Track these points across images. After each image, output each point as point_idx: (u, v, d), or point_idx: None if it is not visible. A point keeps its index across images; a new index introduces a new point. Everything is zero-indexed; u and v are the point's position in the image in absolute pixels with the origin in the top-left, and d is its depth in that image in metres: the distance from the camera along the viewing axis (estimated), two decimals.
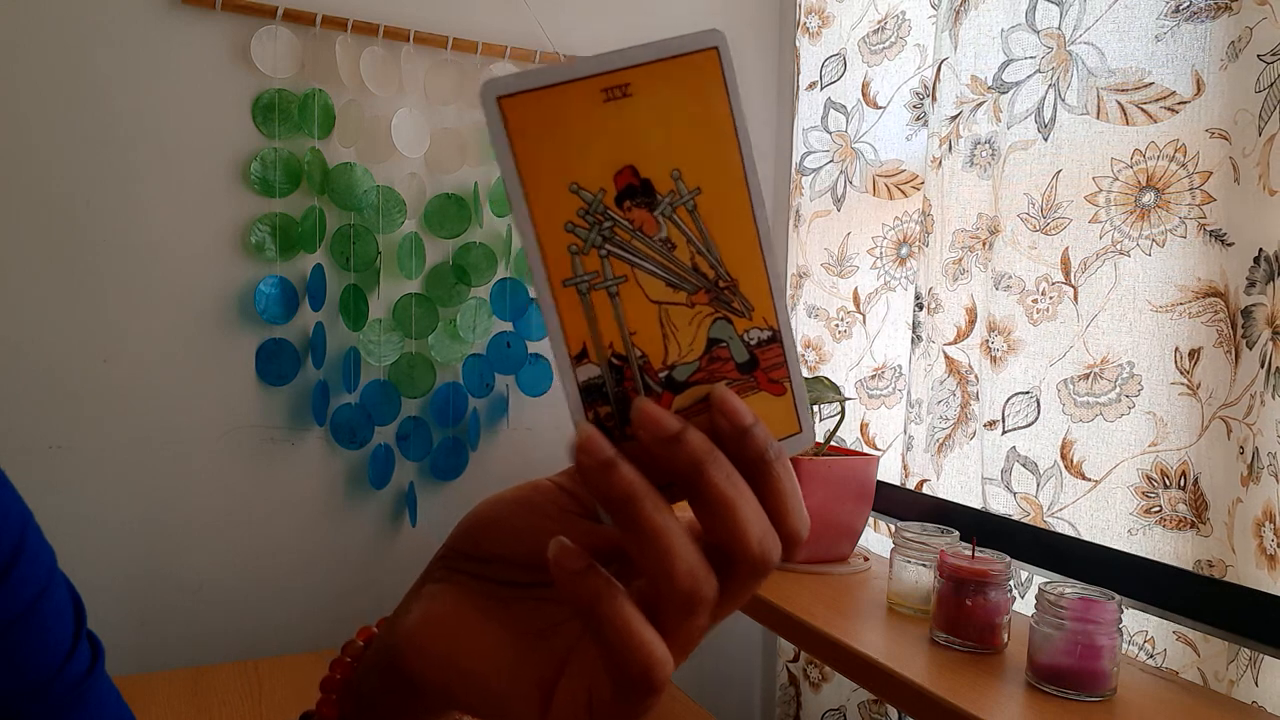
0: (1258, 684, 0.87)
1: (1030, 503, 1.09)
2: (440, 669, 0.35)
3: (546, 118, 0.29)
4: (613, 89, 0.29)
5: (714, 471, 0.29)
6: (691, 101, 0.30)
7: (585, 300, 0.30)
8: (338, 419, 1.44)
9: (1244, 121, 0.89)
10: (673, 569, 0.28)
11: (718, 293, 0.31)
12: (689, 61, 0.30)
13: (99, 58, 1.29)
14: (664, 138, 0.30)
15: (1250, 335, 0.88)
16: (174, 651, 1.38)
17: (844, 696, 1.50)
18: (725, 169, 0.31)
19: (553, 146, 0.29)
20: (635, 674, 0.28)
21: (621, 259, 0.30)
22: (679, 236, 0.30)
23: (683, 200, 0.30)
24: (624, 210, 0.30)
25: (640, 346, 0.30)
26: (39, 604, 0.47)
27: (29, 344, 1.28)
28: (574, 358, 0.30)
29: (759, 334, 0.32)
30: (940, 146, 1.23)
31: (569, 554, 0.29)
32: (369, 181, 1.43)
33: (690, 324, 0.31)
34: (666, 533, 0.28)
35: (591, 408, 0.30)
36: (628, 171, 0.30)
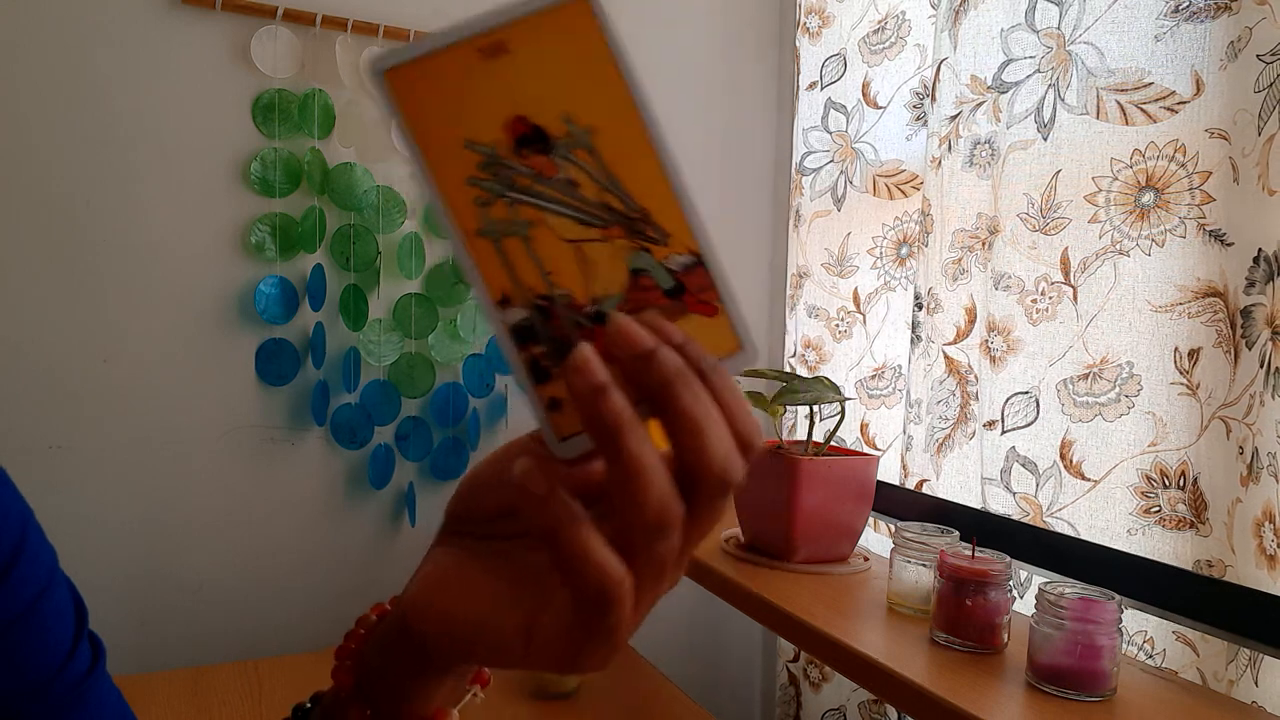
0: (1257, 684, 0.87)
1: (1030, 503, 1.09)
2: (442, 623, 0.37)
3: (431, 83, 0.30)
4: (489, 47, 0.30)
5: (683, 389, 0.29)
6: (569, 48, 0.31)
7: (499, 247, 0.31)
8: (338, 419, 1.44)
9: (1243, 121, 0.89)
10: (646, 494, 0.29)
11: (630, 224, 0.32)
12: (561, 10, 0.31)
13: (99, 58, 1.29)
14: (548, 85, 0.31)
15: (1250, 335, 0.88)
16: (174, 651, 1.38)
17: (844, 696, 1.50)
18: (616, 106, 0.31)
19: (441, 109, 0.30)
20: (593, 589, 0.29)
21: (528, 204, 0.31)
22: (581, 175, 0.31)
23: (578, 141, 0.31)
24: (522, 158, 0.31)
25: (561, 285, 0.31)
26: (39, 604, 0.47)
27: (29, 344, 1.28)
28: (497, 303, 0.31)
29: (680, 259, 0.32)
30: (940, 146, 1.23)
31: (533, 477, 0.30)
32: (369, 181, 1.43)
33: (609, 258, 0.32)
34: (645, 460, 0.29)
35: (525, 349, 0.31)
36: (517, 122, 0.31)
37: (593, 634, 0.31)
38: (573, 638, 0.32)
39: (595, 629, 0.31)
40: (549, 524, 0.30)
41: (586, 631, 0.31)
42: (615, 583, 0.29)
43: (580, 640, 0.32)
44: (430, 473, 1.51)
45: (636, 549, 0.30)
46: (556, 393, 0.32)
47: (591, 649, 0.32)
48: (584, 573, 0.29)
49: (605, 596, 0.29)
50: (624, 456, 0.29)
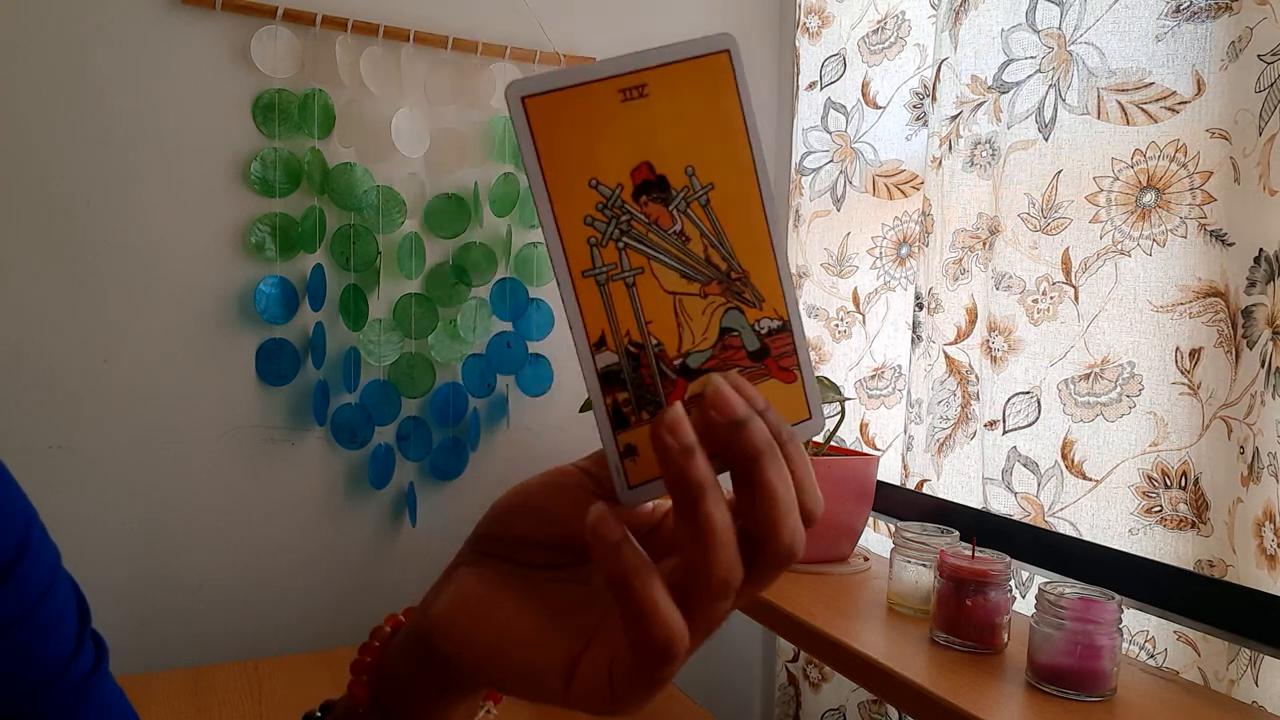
0: (1258, 684, 0.87)
1: (1031, 502, 1.09)
2: (472, 648, 0.36)
3: (567, 116, 0.30)
4: (630, 89, 0.31)
5: (769, 463, 0.30)
6: (705, 102, 0.31)
7: (603, 290, 0.31)
8: (338, 419, 1.44)
9: (1244, 121, 0.89)
10: (714, 560, 0.29)
11: (729, 284, 0.32)
12: (702, 64, 0.31)
13: (99, 58, 1.29)
14: (678, 136, 0.31)
15: (1251, 335, 0.88)
16: (174, 651, 1.38)
17: (844, 696, 1.50)
18: (737, 166, 0.32)
19: (573, 144, 0.30)
20: (657, 645, 0.29)
21: (638, 251, 0.31)
22: (693, 230, 0.32)
23: (696, 195, 0.32)
24: (640, 205, 0.31)
25: (656, 335, 0.32)
26: (43, 603, 0.47)
27: (29, 344, 1.28)
28: (593, 345, 0.31)
29: (769, 323, 0.33)
30: (940, 146, 1.23)
31: (607, 524, 0.30)
32: (369, 181, 1.43)
33: (703, 314, 0.32)
34: (719, 528, 0.29)
35: (610, 393, 0.31)
36: (644, 168, 0.31)
37: (644, 682, 0.31)
38: (619, 681, 0.32)
39: (649, 678, 0.31)
40: (621, 573, 0.30)
41: (638, 678, 0.31)
42: (679, 637, 0.30)
43: (627, 685, 0.32)
44: (430, 473, 1.51)
45: (694, 607, 0.30)
46: (633, 440, 0.32)
47: (636, 695, 0.32)
48: (651, 625, 0.29)
49: (667, 650, 0.30)
50: (701, 520, 0.29)
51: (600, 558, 0.30)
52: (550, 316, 1.56)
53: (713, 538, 0.29)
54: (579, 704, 0.33)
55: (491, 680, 0.36)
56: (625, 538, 0.30)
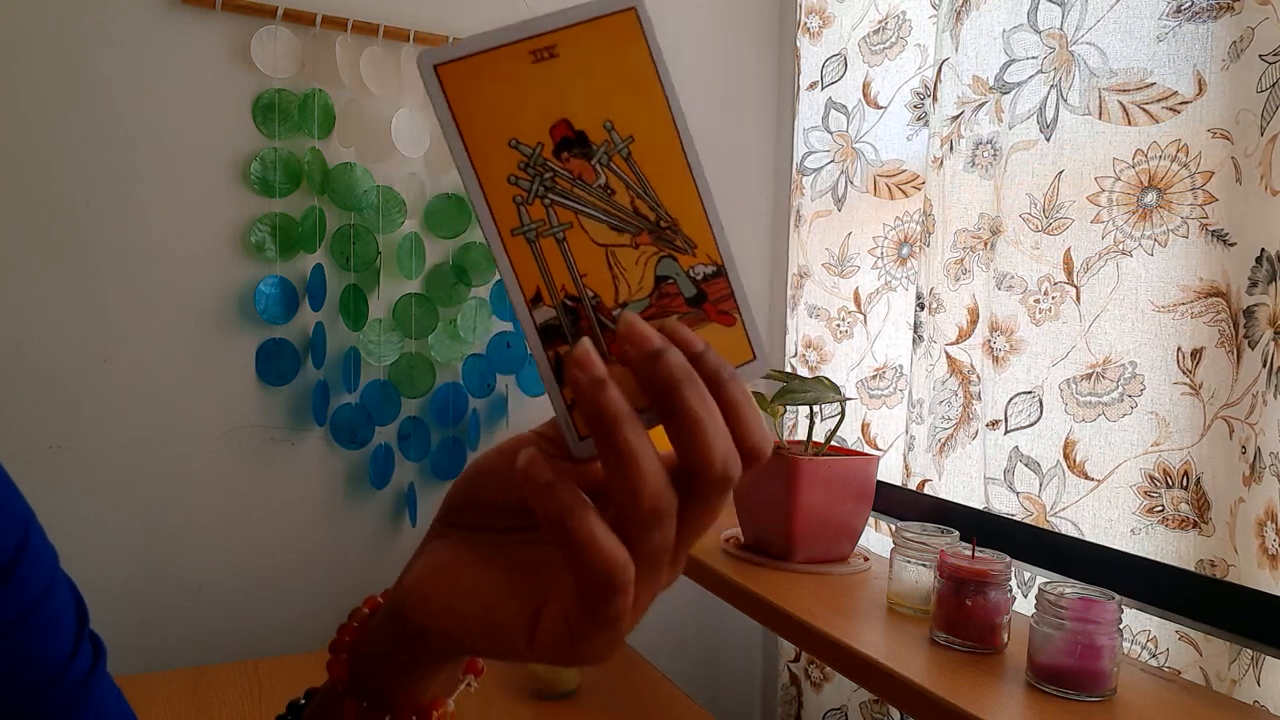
0: (1259, 684, 0.87)
1: (1033, 502, 1.08)
2: (439, 614, 0.37)
3: (481, 81, 0.31)
4: (540, 50, 0.31)
5: (688, 389, 0.30)
6: (615, 58, 0.32)
7: (534, 247, 0.32)
8: (338, 419, 1.44)
9: (1246, 121, 0.89)
10: (640, 486, 0.30)
11: (660, 233, 0.33)
12: (609, 22, 0.32)
13: (99, 58, 1.29)
14: (593, 92, 0.32)
15: (1252, 335, 0.88)
16: (174, 651, 1.38)
17: (845, 696, 1.49)
18: (654, 118, 0.33)
19: (489, 106, 0.31)
20: (599, 576, 0.30)
21: (565, 206, 0.32)
22: (617, 182, 0.32)
23: (617, 148, 0.32)
24: (562, 161, 0.32)
25: (592, 287, 0.32)
26: (41, 604, 0.47)
27: (29, 344, 1.28)
28: (529, 301, 0.32)
29: (703, 269, 0.34)
30: (941, 147, 1.23)
31: (537, 465, 0.31)
32: (369, 181, 1.43)
33: (637, 264, 0.33)
34: (639, 452, 0.30)
35: (551, 347, 0.32)
36: (562, 125, 0.32)
37: (596, 622, 0.31)
38: (575, 627, 0.32)
39: (599, 617, 0.31)
40: (554, 510, 0.30)
41: (590, 620, 0.32)
42: (620, 567, 0.30)
43: (583, 629, 0.32)
44: (430, 473, 1.51)
45: (633, 539, 0.31)
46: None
47: (594, 638, 0.32)
48: (589, 557, 0.30)
49: (609, 581, 0.30)
50: (620, 446, 0.30)
51: (533, 498, 0.31)
52: None
53: (634, 464, 0.30)
54: (542, 656, 0.34)
55: (459, 643, 0.37)
56: (556, 479, 0.31)
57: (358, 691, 0.42)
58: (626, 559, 0.30)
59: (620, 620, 0.31)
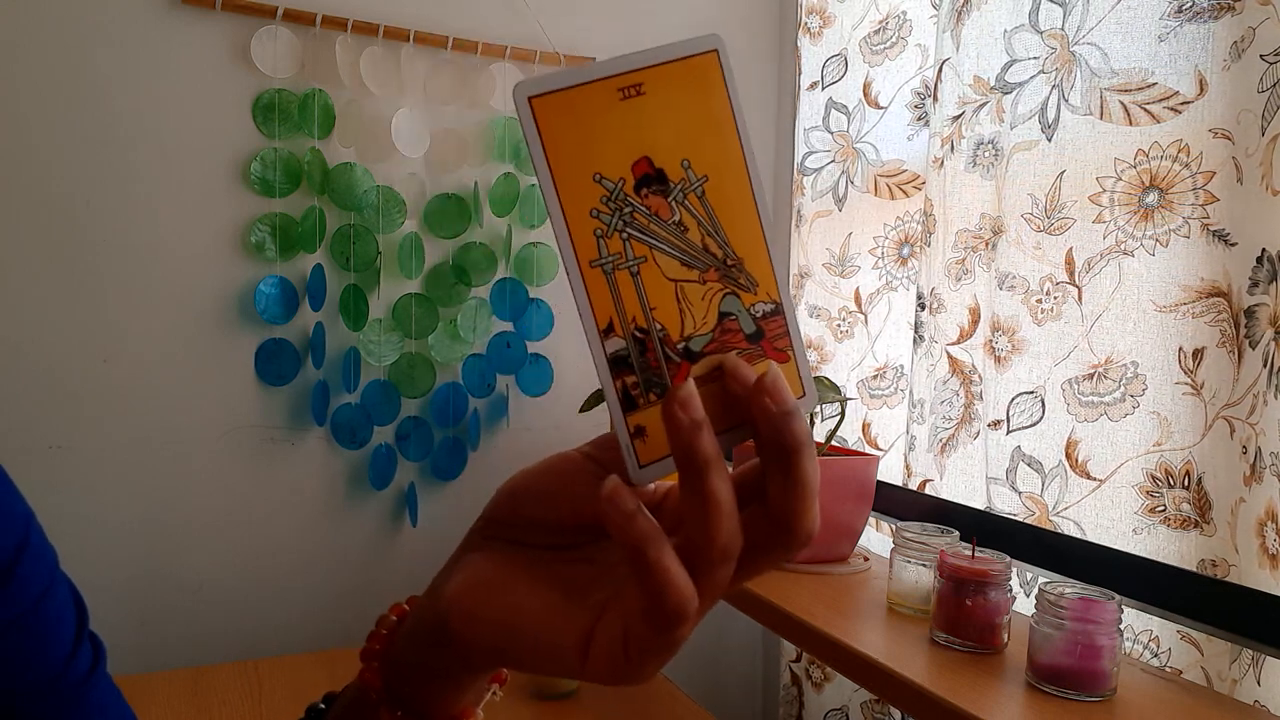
0: (1259, 684, 0.87)
1: (1035, 502, 1.08)
2: (487, 627, 0.37)
3: (571, 115, 0.32)
4: (628, 88, 0.33)
5: (808, 452, 0.32)
6: (697, 99, 0.33)
7: (610, 279, 0.33)
8: (338, 419, 1.44)
9: (1247, 121, 0.89)
10: (717, 528, 0.31)
11: (726, 270, 0.34)
12: (693, 63, 0.33)
13: (99, 58, 1.29)
14: (674, 131, 0.33)
15: (1253, 335, 0.88)
16: (174, 651, 1.38)
17: (846, 696, 1.49)
18: (728, 159, 0.34)
19: (577, 140, 0.32)
20: (671, 606, 0.31)
21: (641, 241, 0.33)
22: (690, 220, 0.33)
23: (692, 187, 0.33)
24: (641, 197, 0.33)
25: (660, 320, 0.33)
26: (41, 604, 0.47)
27: (29, 344, 1.28)
28: (601, 332, 0.33)
29: (764, 307, 0.35)
30: (942, 147, 1.23)
31: (622, 495, 0.32)
32: (369, 181, 1.43)
33: (703, 299, 0.34)
34: (722, 498, 0.31)
35: (619, 377, 0.33)
36: (644, 162, 0.33)
37: (656, 647, 0.33)
38: (634, 650, 0.33)
39: (661, 643, 0.32)
40: (636, 539, 0.31)
41: (652, 645, 0.33)
42: (690, 600, 0.31)
43: (642, 653, 0.33)
44: (430, 473, 1.51)
45: (699, 573, 0.32)
46: (642, 421, 0.34)
47: (651, 662, 0.33)
48: (664, 588, 0.31)
49: (680, 612, 0.31)
50: (707, 490, 0.31)
51: (616, 527, 0.31)
52: (550, 317, 1.56)
53: (716, 508, 0.31)
54: (596, 674, 0.34)
55: (508, 658, 0.37)
56: (640, 508, 0.32)
57: (390, 700, 0.42)
58: (694, 593, 0.32)
59: (677, 647, 0.33)
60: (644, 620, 0.32)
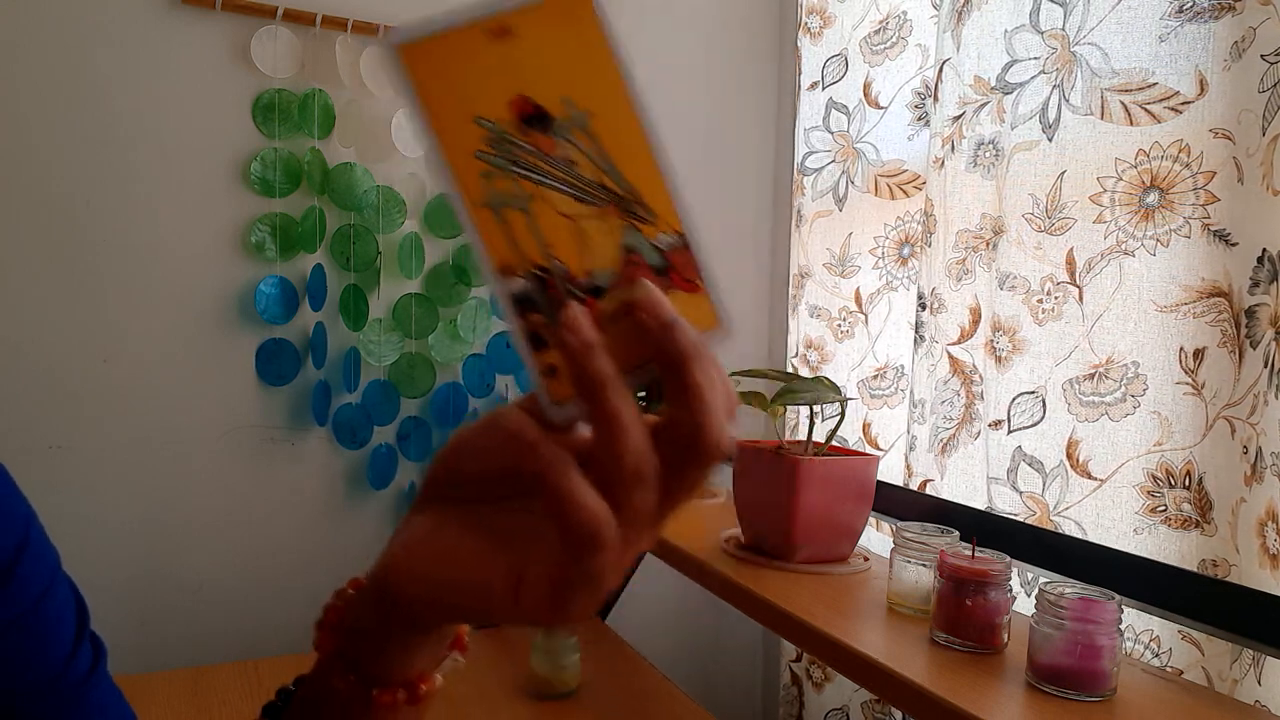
0: (1260, 684, 0.86)
1: (1036, 502, 1.08)
2: (425, 583, 0.37)
3: (442, 60, 0.32)
4: (496, 29, 0.32)
5: (697, 360, 0.32)
6: (569, 36, 0.33)
7: (500, 218, 0.33)
8: (338, 419, 1.44)
9: (1247, 121, 0.89)
10: (622, 447, 0.31)
11: (623, 204, 0.34)
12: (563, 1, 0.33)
13: (99, 58, 1.29)
14: (550, 69, 0.33)
15: (1254, 335, 0.88)
16: (174, 651, 1.38)
17: (846, 696, 1.49)
18: (612, 93, 0.33)
19: (451, 84, 0.32)
20: (582, 530, 0.31)
21: (529, 179, 0.33)
22: (579, 155, 0.33)
23: (577, 123, 0.33)
24: (525, 135, 0.33)
25: (559, 257, 0.33)
26: (42, 604, 0.47)
27: (29, 344, 1.28)
28: (499, 271, 0.33)
29: (667, 239, 0.34)
30: (943, 147, 1.23)
31: (526, 426, 0.32)
32: (369, 181, 1.43)
33: (603, 234, 0.34)
34: (625, 414, 0.31)
35: (524, 317, 0.33)
36: (521, 100, 0.33)
37: (580, 578, 0.32)
38: (559, 584, 0.33)
39: (582, 573, 0.32)
40: (539, 467, 0.31)
41: (574, 576, 0.32)
42: (603, 522, 0.31)
43: (567, 586, 0.33)
44: None
45: (616, 499, 0.32)
46: (553, 360, 0.33)
47: (578, 594, 0.33)
48: (573, 512, 0.31)
49: (593, 535, 0.31)
50: (608, 409, 0.31)
51: (519, 456, 0.32)
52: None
53: (619, 425, 0.31)
54: (526, 616, 0.35)
55: (444, 608, 0.38)
56: (542, 437, 0.32)
57: (344, 665, 0.42)
58: (609, 515, 0.31)
59: (602, 576, 0.32)
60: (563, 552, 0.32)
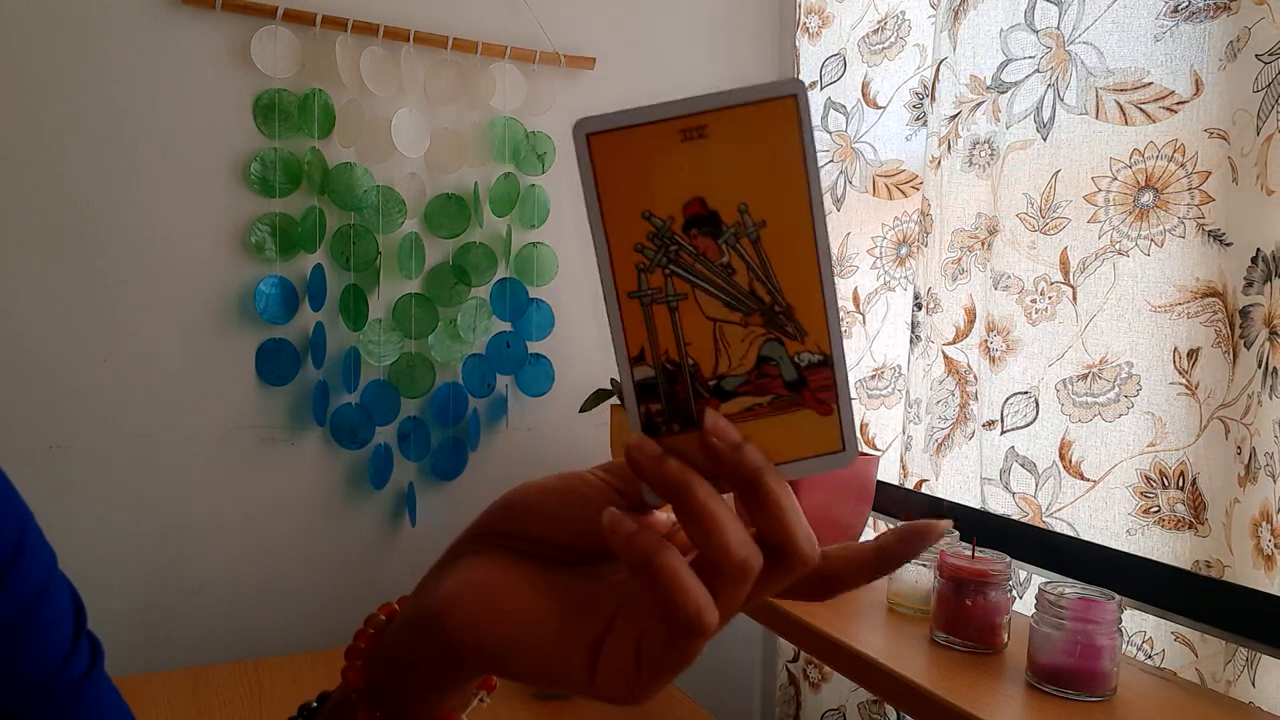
0: (1254, 684, 0.87)
1: (1029, 503, 1.09)
2: (483, 633, 0.36)
3: (628, 154, 0.32)
4: (690, 130, 0.33)
5: (769, 474, 0.32)
6: (764, 142, 0.33)
7: (646, 311, 0.33)
8: (338, 419, 1.44)
9: (1242, 121, 0.89)
10: (725, 541, 0.31)
11: (772, 316, 0.34)
12: (767, 107, 0.33)
13: (99, 57, 1.29)
14: (734, 175, 0.33)
15: (1248, 335, 0.88)
16: (174, 651, 1.38)
17: (843, 696, 1.50)
18: (792, 206, 0.33)
19: (630, 178, 0.33)
20: (688, 614, 0.31)
21: (683, 279, 0.33)
22: (739, 263, 0.33)
23: (747, 231, 0.33)
24: (689, 237, 0.33)
25: (693, 356, 0.34)
26: (38, 605, 0.47)
27: (29, 343, 1.28)
28: (632, 359, 0.34)
29: (810, 357, 0.34)
30: (940, 147, 1.24)
31: (621, 519, 0.32)
32: (369, 181, 1.43)
33: (742, 341, 0.34)
34: (715, 510, 0.32)
35: (644, 403, 0.34)
36: (696, 203, 0.33)
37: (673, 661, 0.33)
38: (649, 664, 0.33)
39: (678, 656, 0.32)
40: (642, 553, 0.31)
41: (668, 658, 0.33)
42: (707, 607, 0.31)
43: (657, 667, 0.33)
44: (430, 473, 1.52)
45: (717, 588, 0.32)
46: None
47: (664, 677, 0.33)
48: (679, 593, 0.31)
49: (698, 619, 0.31)
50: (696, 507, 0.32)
51: (621, 548, 0.32)
52: (550, 317, 1.56)
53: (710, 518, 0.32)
54: (603, 687, 0.34)
55: (505, 666, 0.36)
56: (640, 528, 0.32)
57: (370, 701, 0.41)
58: (711, 601, 0.32)
59: (690, 660, 0.33)
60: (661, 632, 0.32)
